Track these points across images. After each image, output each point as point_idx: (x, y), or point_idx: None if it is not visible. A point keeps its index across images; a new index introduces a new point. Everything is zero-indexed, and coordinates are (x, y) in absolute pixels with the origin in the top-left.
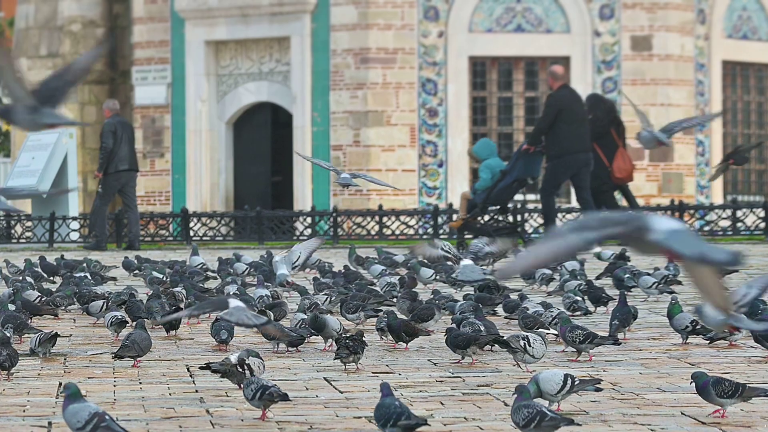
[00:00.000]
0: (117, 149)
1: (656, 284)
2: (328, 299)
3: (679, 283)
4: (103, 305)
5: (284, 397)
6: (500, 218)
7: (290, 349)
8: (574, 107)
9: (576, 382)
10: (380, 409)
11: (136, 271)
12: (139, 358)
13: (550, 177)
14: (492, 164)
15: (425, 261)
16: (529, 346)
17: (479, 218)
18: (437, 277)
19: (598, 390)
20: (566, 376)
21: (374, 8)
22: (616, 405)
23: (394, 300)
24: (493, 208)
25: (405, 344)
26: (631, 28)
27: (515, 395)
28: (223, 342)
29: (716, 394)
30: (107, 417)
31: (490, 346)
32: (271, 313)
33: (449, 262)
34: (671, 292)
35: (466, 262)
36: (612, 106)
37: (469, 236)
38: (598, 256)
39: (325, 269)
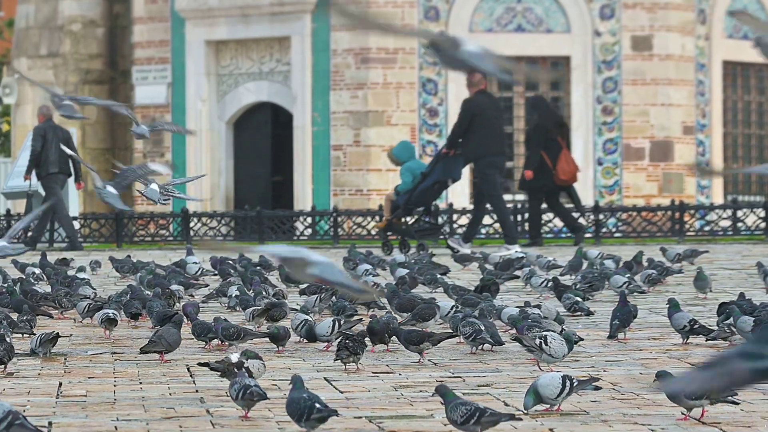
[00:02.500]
0: (47, 153)
1: (626, 284)
2: (318, 299)
3: (661, 282)
4: (86, 306)
5: (263, 397)
6: (425, 219)
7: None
8: (489, 112)
9: (575, 383)
10: (291, 404)
11: (129, 274)
12: (166, 354)
13: (484, 182)
14: (412, 167)
15: (401, 261)
16: (546, 345)
17: (403, 219)
18: (415, 276)
19: (597, 389)
20: (564, 378)
21: (375, 8)
22: (617, 405)
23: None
24: (417, 209)
25: (386, 345)
26: (631, 28)
27: (440, 397)
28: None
29: (686, 396)
30: (21, 416)
31: (490, 346)
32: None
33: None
34: (642, 292)
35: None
36: (554, 108)
37: (393, 237)
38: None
39: None
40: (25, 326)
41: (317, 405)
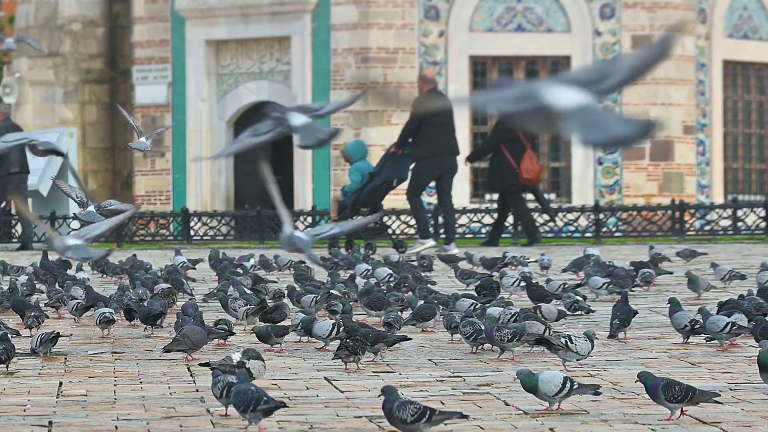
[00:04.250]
0: (8, 153)
1: (606, 285)
2: (314, 300)
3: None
4: (75, 305)
5: None
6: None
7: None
8: (440, 111)
9: (575, 386)
10: (238, 395)
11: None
12: (191, 353)
13: (415, 179)
14: (362, 166)
15: (383, 260)
16: (571, 343)
17: (350, 219)
18: (394, 276)
19: (597, 394)
20: (566, 379)
21: (375, 8)
22: (617, 404)
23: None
24: (364, 209)
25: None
26: (631, 27)
27: (383, 396)
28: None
29: (665, 398)
30: None
31: (491, 345)
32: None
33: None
34: (620, 293)
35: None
36: None
37: (343, 237)
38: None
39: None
40: (33, 322)
41: (264, 397)
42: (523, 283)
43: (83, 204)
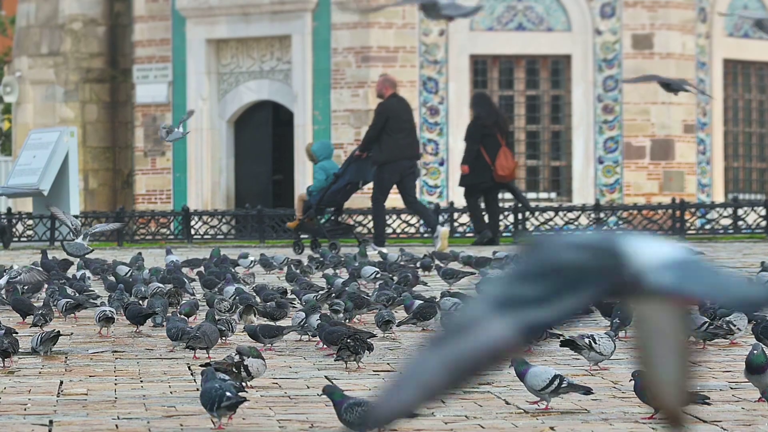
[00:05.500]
0: None
1: None
2: (315, 297)
3: None
4: (65, 304)
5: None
6: (337, 219)
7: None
8: (402, 116)
9: (563, 385)
10: (204, 395)
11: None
12: (208, 351)
13: (378, 183)
14: (326, 166)
15: (368, 260)
16: (595, 343)
17: (315, 219)
18: (377, 276)
19: (588, 393)
20: (556, 376)
21: (375, 3)
22: (618, 403)
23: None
24: (329, 209)
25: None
26: (632, 26)
27: (327, 397)
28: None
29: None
30: None
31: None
32: None
33: None
34: None
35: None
36: (497, 106)
37: (305, 236)
38: None
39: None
40: (39, 320)
41: (227, 393)
42: None
43: (77, 232)
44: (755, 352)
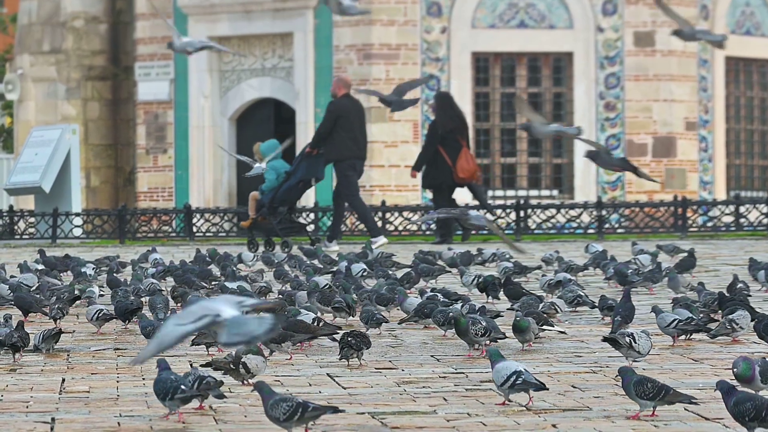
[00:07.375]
0: None
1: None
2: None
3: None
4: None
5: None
6: (291, 217)
7: None
8: (352, 116)
9: (518, 382)
10: (158, 383)
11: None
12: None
13: (344, 182)
14: (276, 165)
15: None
16: (635, 342)
17: (268, 218)
18: (366, 273)
19: (539, 390)
20: (514, 372)
21: (377, 4)
22: (619, 401)
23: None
24: (282, 208)
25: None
26: (633, 23)
27: (257, 392)
28: None
29: (636, 393)
30: None
31: (488, 342)
32: None
33: None
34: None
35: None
36: (457, 106)
37: (259, 235)
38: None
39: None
40: (58, 314)
41: (182, 386)
42: (479, 281)
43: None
44: (740, 365)
